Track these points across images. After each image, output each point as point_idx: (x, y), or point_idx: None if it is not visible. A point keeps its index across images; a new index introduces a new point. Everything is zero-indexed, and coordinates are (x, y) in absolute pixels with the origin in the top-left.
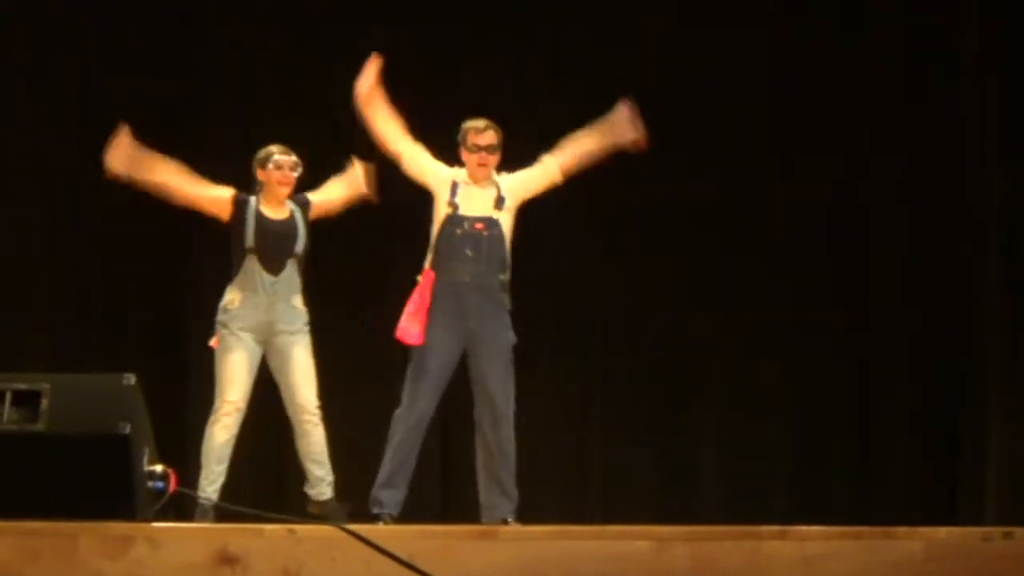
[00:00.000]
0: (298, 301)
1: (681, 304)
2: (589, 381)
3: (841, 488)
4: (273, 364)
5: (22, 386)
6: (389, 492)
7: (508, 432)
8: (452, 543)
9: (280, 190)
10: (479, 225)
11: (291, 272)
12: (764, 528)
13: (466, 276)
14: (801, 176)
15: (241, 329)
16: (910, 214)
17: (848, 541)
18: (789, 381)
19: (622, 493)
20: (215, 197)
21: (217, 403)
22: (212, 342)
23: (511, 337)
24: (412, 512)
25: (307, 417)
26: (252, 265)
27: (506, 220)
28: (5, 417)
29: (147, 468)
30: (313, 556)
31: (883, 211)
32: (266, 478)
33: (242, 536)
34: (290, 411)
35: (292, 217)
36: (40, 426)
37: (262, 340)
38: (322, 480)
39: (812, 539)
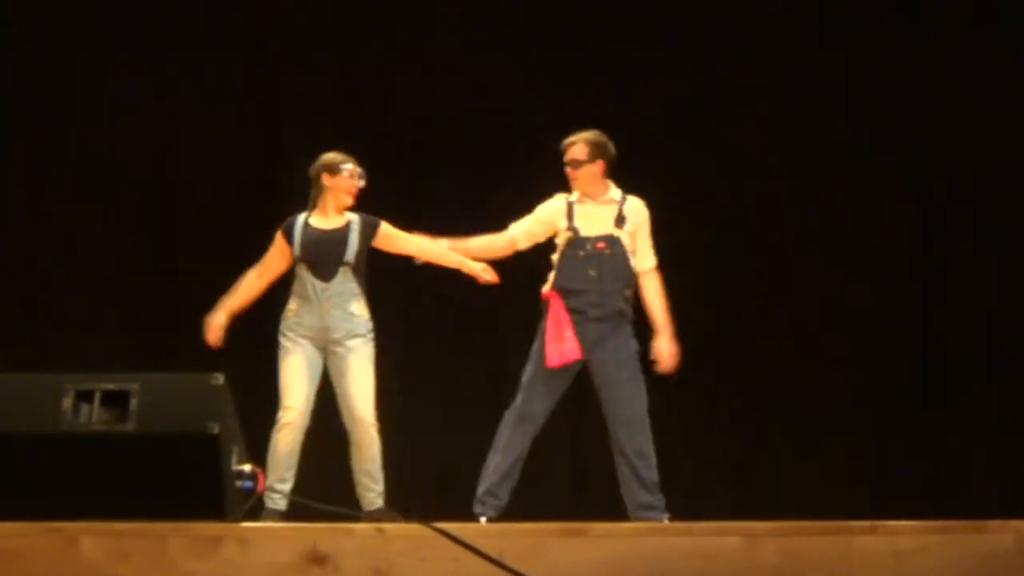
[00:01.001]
0: (357, 308)
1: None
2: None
3: (929, 482)
4: (331, 372)
5: (111, 386)
6: (493, 498)
7: (645, 436)
8: (541, 541)
9: (344, 198)
10: (600, 244)
11: (344, 279)
12: (855, 523)
13: (592, 296)
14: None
15: (299, 336)
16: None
17: (938, 535)
18: (870, 371)
19: (701, 489)
20: (275, 254)
21: (279, 410)
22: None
23: (634, 344)
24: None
25: (361, 428)
26: (304, 273)
27: (627, 239)
28: (95, 417)
29: (236, 468)
30: (402, 555)
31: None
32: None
33: (331, 536)
34: (345, 421)
35: (347, 227)
36: (130, 426)
37: (321, 347)
38: (371, 491)
39: (902, 533)
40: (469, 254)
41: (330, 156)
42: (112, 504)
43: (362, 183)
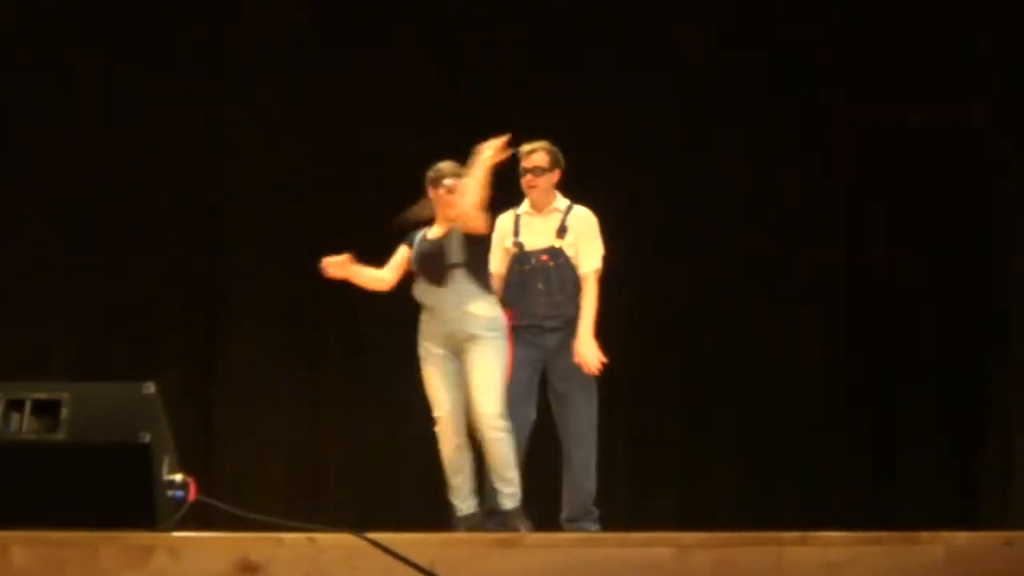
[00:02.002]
0: (477, 308)
1: (698, 311)
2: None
3: (863, 493)
4: (462, 374)
5: (42, 395)
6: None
7: (590, 448)
8: (475, 551)
9: (444, 210)
10: (544, 257)
11: (457, 281)
12: (786, 534)
13: (543, 308)
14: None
15: (430, 344)
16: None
17: (870, 547)
18: (799, 385)
19: (642, 498)
20: (400, 259)
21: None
22: None
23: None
24: None
25: (486, 426)
26: (420, 282)
27: (570, 249)
28: (25, 426)
29: (167, 477)
30: (334, 564)
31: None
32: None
33: (263, 545)
34: (472, 421)
35: (449, 234)
36: (60, 435)
37: (452, 351)
38: (501, 492)
39: (834, 545)
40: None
41: (435, 168)
42: (43, 513)
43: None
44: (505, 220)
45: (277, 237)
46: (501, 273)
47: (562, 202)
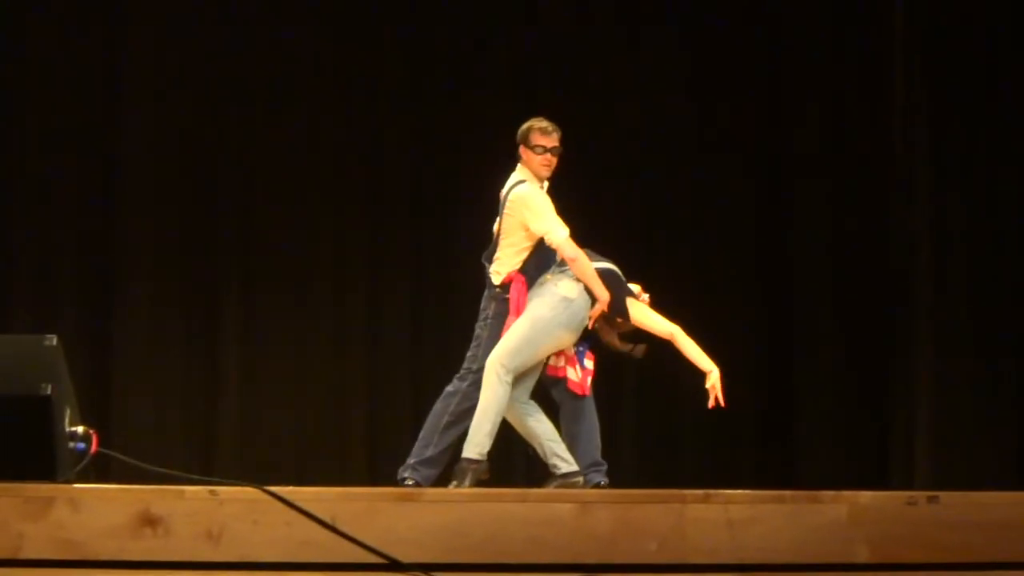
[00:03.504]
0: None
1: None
2: None
3: (770, 453)
4: None
5: None
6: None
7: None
8: (375, 505)
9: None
10: None
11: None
12: (688, 492)
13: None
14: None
15: None
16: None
17: (772, 505)
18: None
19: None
20: None
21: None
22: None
23: None
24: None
25: (487, 368)
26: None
27: None
28: None
29: (68, 429)
30: (235, 518)
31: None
32: None
33: (164, 498)
34: None
35: None
36: None
37: None
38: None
39: (736, 503)
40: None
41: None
42: None
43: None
44: (541, 189)
45: (172, 186)
46: None
47: None
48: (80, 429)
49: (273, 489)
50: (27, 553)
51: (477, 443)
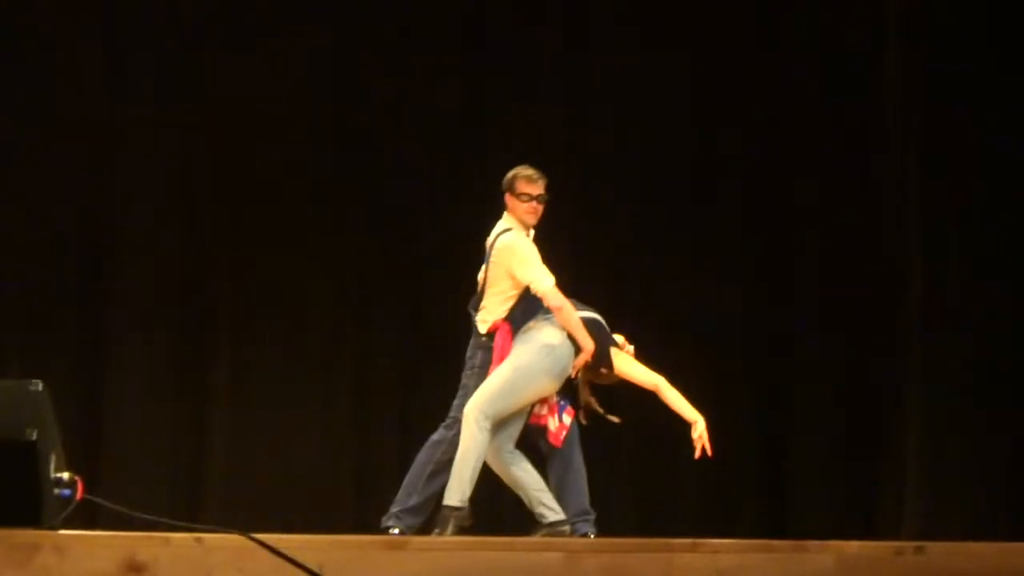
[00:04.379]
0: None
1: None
2: None
3: (754, 502)
4: None
5: None
6: (412, 519)
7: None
8: (363, 553)
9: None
10: None
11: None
12: (676, 541)
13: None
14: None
15: None
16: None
17: (759, 554)
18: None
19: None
20: None
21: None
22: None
23: None
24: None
25: (466, 416)
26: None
27: None
28: None
29: (54, 475)
30: (221, 565)
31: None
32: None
33: (149, 544)
34: None
35: None
36: None
37: None
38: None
39: (724, 552)
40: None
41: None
42: None
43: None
44: (526, 238)
45: (164, 231)
46: None
47: None
48: (66, 475)
49: (259, 536)
50: None
51: (458, 490)
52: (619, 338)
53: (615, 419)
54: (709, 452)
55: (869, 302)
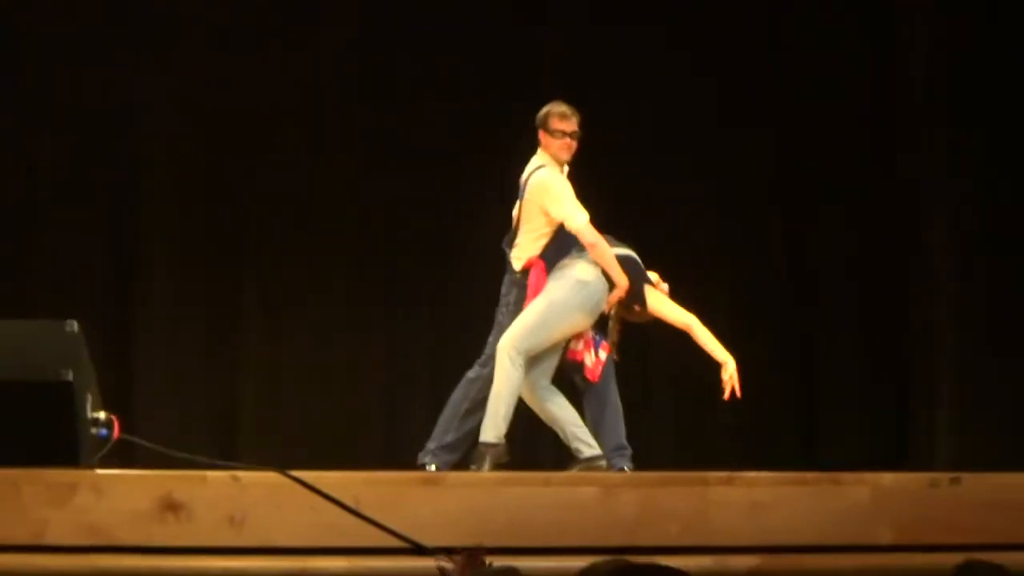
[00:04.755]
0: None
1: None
2: None
3: (791, 435)
4: None
5: None
6: (447, 455)
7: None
8: (399, 490)
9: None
10: None
11: None
12: (711, 474)
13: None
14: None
15: None
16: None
17: (795, 487)
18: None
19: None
20: None
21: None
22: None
23: None
24: None
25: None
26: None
27: None
28: None
29: (91, 415)
30: (258, 503)
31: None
32: None
33: (186, 483)
34: None
35: None
36: None
37: None
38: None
39: (759, 485)
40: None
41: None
42: None
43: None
44: (561, 175)
45: (197, 176)
46: None
47: None
48: (102, 415)
49: (296, 474)
50: (50, 539)
51: (494, 426)
52: (653, 276)
53: (616, 358)
54: (738, 393)
55: (903, 236)
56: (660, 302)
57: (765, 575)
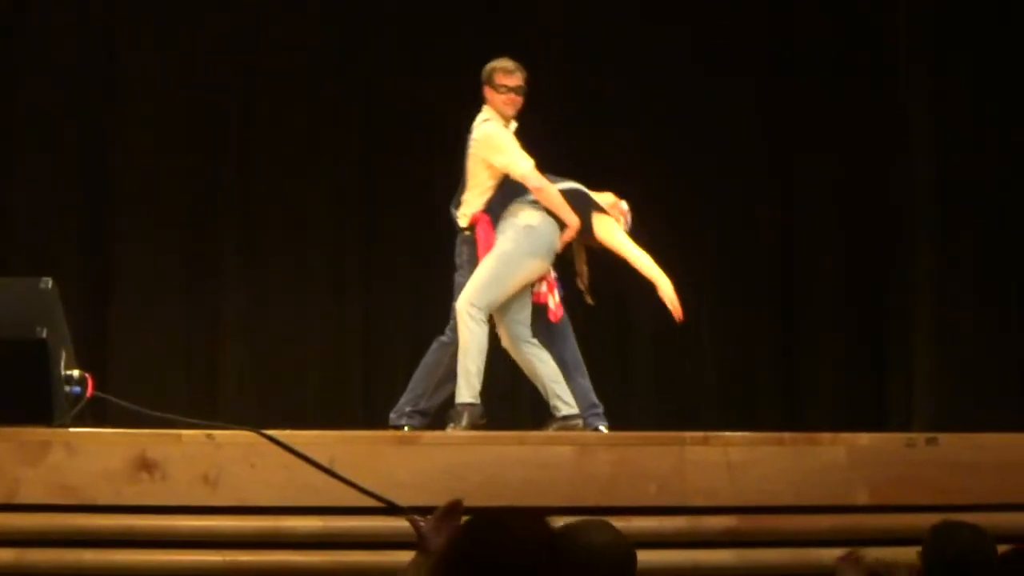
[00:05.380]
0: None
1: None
2: None
3: (768, 395)
4: None
5: None
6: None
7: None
8: (374, 448)
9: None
10: None
11: None
12: (687, 434)
13: None
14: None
15: None
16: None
17: (771, 447)
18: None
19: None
20: None
21: None
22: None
23: None
24: None
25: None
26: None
27: None
28: None
29: (64, 373)
30: (233, 462)
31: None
32: None
33: (160, 442)
34: None
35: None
36: None
37: None
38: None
39: (735, 445)
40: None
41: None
42: None
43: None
44: (504, 128)
45: (173, 128)
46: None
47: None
48: (76, 373)
49: (270, 433)
50: (23, 497)
51: (468, 386)
52: (608, 197)
53: (590, 300)
54: (677, 315)
55: (880, 198)
56: (607, 231)
57: (742, 535)
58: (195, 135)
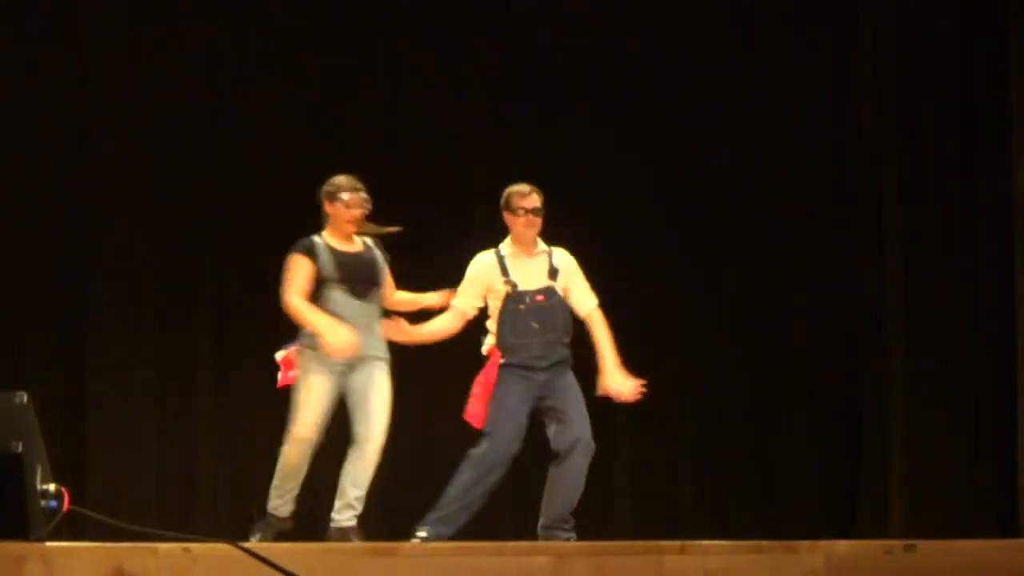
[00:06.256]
0: (380, 330)
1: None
2: None
3: (744, 502)
4: (355, 388)
5: None
6: (445, 528)
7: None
8: (351, 560)
9: (348, 227)
10: (539, 297)
11: (375, 301)
12: (665, 543)
13: (536, 348)
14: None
15: (324, 355)
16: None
17: (749, 555)
18: (689, 399)
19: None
20: (306, 275)
21: (293, 424)
22: (280, 357)
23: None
24: None
25: (373, 446)
26: (335, 294)
27: (560, 290)
28: None
29: (40, 487)
30: (209, 575)
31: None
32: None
33: (137, 555)
34: (359, 434)
35: (368, 249)
36: None
37: (347, 366)
38: (351, 508)
39: (713, 553)
40: (423, 339)
41: (332, 182)
42: None
43: (365, 209)
44: (488, 259)
45: (146, 240)
46: (473, 310)
47: (543, 244)
48: (52, 487)
49: (247, 545)
50: None
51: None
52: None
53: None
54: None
55: (851, 304)
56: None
57: None
58: (169, 245)
